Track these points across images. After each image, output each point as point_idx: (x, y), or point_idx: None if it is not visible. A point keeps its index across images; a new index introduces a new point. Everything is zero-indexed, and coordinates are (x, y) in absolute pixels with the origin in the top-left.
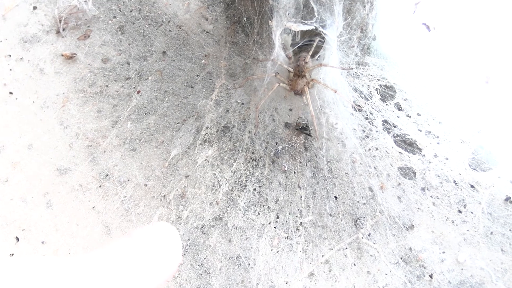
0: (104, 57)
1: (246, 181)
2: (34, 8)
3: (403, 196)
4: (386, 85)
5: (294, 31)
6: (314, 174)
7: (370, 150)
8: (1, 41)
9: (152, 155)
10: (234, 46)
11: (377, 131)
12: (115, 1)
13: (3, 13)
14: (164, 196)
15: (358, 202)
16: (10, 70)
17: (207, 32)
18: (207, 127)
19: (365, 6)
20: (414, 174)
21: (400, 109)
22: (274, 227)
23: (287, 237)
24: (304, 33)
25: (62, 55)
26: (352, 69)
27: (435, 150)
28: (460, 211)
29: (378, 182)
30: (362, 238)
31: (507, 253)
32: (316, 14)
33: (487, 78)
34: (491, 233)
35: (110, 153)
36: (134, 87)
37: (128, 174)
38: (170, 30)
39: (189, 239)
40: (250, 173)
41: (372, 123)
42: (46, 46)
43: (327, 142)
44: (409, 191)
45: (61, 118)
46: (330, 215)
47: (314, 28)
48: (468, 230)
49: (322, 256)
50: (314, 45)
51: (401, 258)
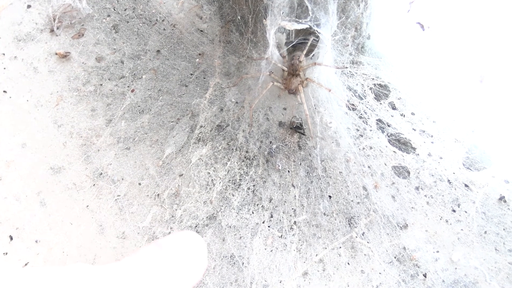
0: (98, 55)
1: (240, 180)
2: (28, 6)
3: (397, 195)
4: (380, 84)
5: (289, 30)
6: (308, 173)
7: (364, 149)
8: None
9: (146, 154)
10: (228, 45)
11: (371, 130)
12: (109, 0)
13: None
14: (158, 195)
15: (352, 201)
16: (4, 68)
17: (201, 31)
18: (201, 126)
19: (359, 5)
20: (408, 173)
21: (394, 108)
22: (268, 226)
23: (281, 236)
24: (298, 32)
25: (56, 54)
26: (346, 68)
27: (429, 149)
28: (454, 210)
29: (372, 181)
30: (356, 237)
31: (501, 252)
32: (310, 13)
33: (481, 77)
34: (485, 232)
35: (104, 152)
36: (128, 86)
37: (122, 173)
38: (164, 29)
39: None
40: (244, 172)
41: (366, 122)
42: (40, 45)
43: (321, 141)
44: (403, 190)
45: (55, 117)
46: (324, 214)
47: (309, 27)
48: (462, 229)
49: (316, 255)
50: (309, 44)
51: (395, 257)
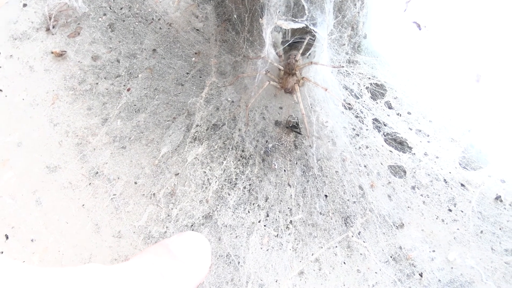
0: (94, 54)
1: (236, 179)
2: (24, 5)
3: (393, 194)
4: (376, 83)
5: (285, 29)
6: (304, 172)
7: (360, 148)
8: None
9: (142, 153)
10: (225, 44)
11: (367, 130)
12: None
13: None
14: (154, 194)
15: (348, 200)
16: (0, 67)
17: (198, 30)
18: (197, 125)
19: (356, 4)
20: (404, 172)
21: (390, 107)
22: (264, 225)
23: (277, 235)
24: (294, 31)
25: (52, 53)
26: (342, 67)
27: (426, 149)
28: (450, 210)
29: (368, 181)
30: (352, 236)
31: (497, 252)
32: (306, 12)
33: (478, 77)
34: (481, 231)
35: (99, 150)
36: (124, 85)
37: (118, 172)
38: (160, 28)
39: None
40: (240, 171)
41: (362, 122)
42: (36, 44)
43: (317, 141)
44: (399, 190)
45: (50, 116)
46: (320, 214)
47: (305, 26)
48: (458, 229)
49: (312, 254)
50: (305, 43)
51: (391, 257)
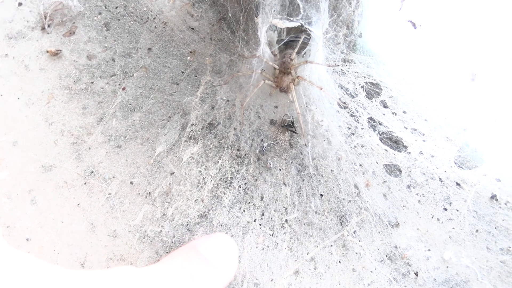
0: (89, 53)
1: (232, 178)
2: (19, 4)
3: (389, 193)
4: (372, 82)
5: (280, 28)
6: (299, 171)
7: (355, 147)
8: None
9: (137, 152)
10: (220, 43)
11: (362, 129)
12: None
13: None
14: (149, 193)
15: (344, 199)
16: None
17: (193, 29)
18: (192, 124)
19: (351, 3)
20: (400, 171)
21: (385, 106)
22: (260, 225)
23: (272, 234)
24: (290, 30)
25: (47, 52)
26: (338, 66)
27: (421, 148)
28: (445, 209)
29: (363, 180)
30: (348, 235)
31: (493, 251)
32: (302, 11)
33: (473, 75)
34: (477, 231)
35: (95, 150)
36: (119, 84)
37: (113, 171)
38: (155, 27)
39: (174, 237)
40: (235, 170)
41: (357, 121)
42: (31, 43)
43: (313, 140)
44: (394, 189)
45: (46, 115)
46: (316, 213)
47: (300, 25)
48: (453, 228)
49: (307, 253)
50: (300, 42)
51: (386, 256)
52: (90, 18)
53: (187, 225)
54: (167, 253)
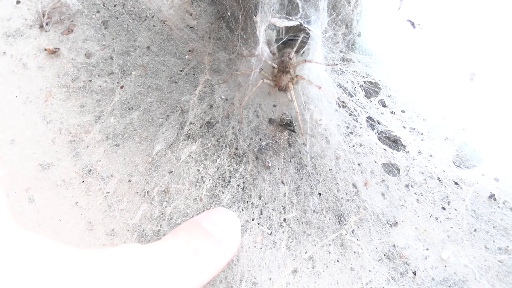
0: (87, 52)
1: (230, 177)
2: (18, 2)
3: (387, 192)
4: (370, 81)
5: (279, 27)
6: (298, 170)
7: (354, 146)
8: None
9: (135, 151)
10: (218, 42)
11: (361, 128)
12: None
13: None
14: (147, 192)
15: (342, 198)
16: None
17: (191, 27)
18: (191, 123)
19: (350, 2)
20: (398, 170)
21: (384, 105)
22: (258, 224)
23: (271, 233)
24: (288, 29)
25: (45, 50)
26: (336, 65)
27: (419, 147)
28: (444, 208)
29: (362, 179)
30: (346, 234)
31: (491, 250)
32: (300, 10)
33: (472, 75)
34: (475, 230)
35: (93, 148)
36: (117, 82)
37: (111, 169)
38: (154, 25)
39: None
40: (233, 169)
41: (356, 120)
42: (29, 41)
43: (311, 139)
44: (393, 188)
45: (44, 113)
46: (314, 212)
47: (299, 24)
48: (452, 227)
49: (306, 252)
50: (299, 41)
51: (384, 255)
52: (88, 16)
53: None
54: None
